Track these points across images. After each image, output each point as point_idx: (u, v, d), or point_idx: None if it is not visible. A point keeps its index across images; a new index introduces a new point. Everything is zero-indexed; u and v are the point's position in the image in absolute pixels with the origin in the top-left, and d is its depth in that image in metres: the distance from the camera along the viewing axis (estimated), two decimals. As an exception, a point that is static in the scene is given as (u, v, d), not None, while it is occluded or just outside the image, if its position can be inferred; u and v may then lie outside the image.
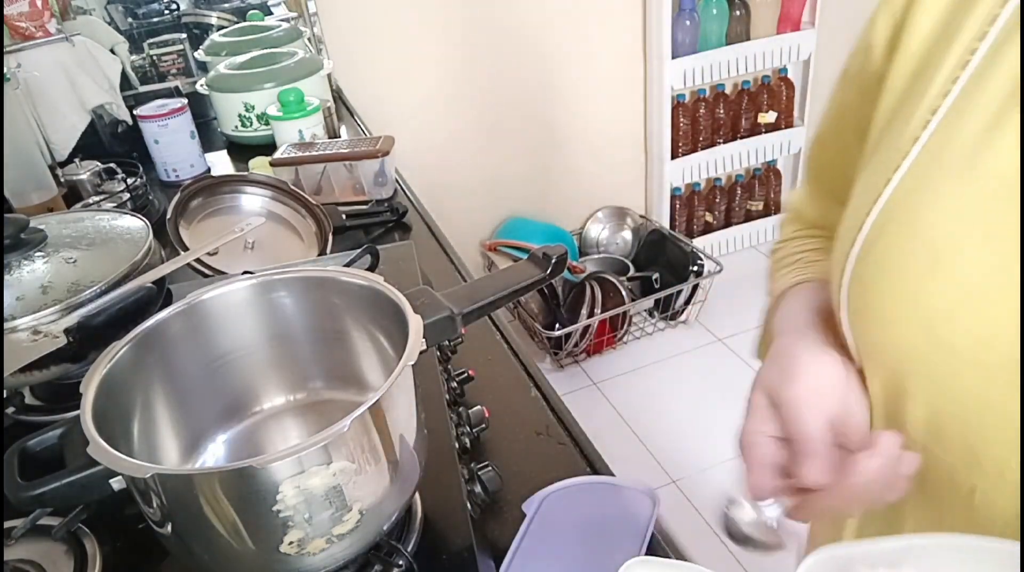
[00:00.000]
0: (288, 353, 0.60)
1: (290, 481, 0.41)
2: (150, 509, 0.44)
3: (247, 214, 1.04)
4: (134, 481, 0.43)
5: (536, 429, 0.71)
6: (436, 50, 2.13)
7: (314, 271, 0.57)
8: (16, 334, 0.61)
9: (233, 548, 0.44)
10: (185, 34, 1.73)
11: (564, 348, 2.24)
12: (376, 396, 0.43)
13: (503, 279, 0.59)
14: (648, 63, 2.34)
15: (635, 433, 2.04)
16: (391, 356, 0.55)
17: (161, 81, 1.68)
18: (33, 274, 0.66)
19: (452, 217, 1.91)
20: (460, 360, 0.81)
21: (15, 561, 0.55)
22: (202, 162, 1.43)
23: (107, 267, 0.67)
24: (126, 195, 1.19)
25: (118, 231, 0.73)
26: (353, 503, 0.45)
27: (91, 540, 0.57)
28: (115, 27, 1.71)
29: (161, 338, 0.53)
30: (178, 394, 0.55)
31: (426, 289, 0.56)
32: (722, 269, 2.32)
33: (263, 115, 1.45)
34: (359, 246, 0.85)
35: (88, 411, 0.44)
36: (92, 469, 0.42)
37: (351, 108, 1.74)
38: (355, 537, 0.46)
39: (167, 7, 1.85)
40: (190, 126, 1.39)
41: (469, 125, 2.27)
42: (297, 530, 0.43)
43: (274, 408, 0.61)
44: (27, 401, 0.75)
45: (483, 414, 0.69)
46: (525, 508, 0.61)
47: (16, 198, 1.15)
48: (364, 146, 1.18)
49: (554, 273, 0.62)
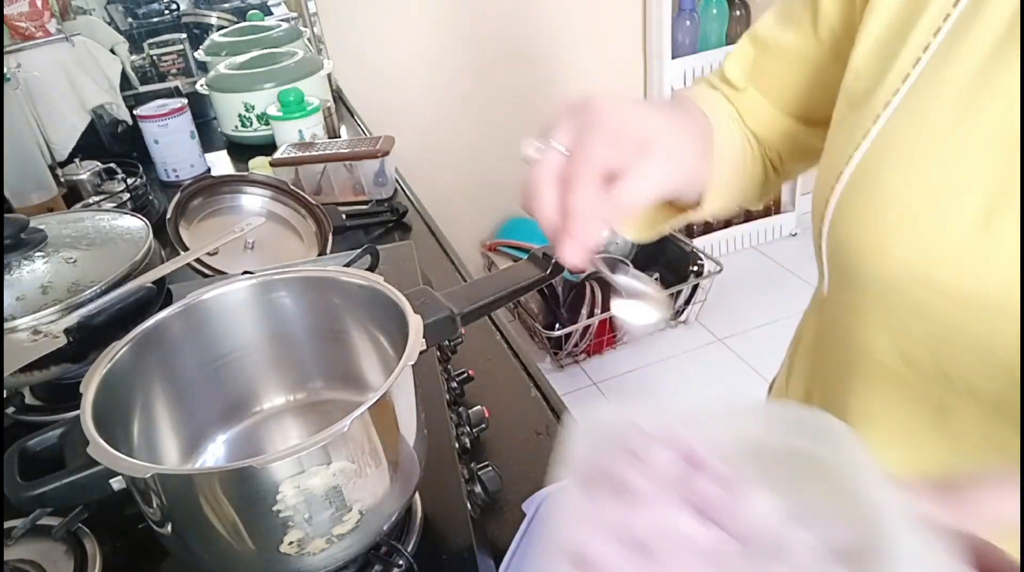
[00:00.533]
0: (288, 353, 0.60)
1: (290, 481, 0.41)
2: (150, 509, 0.44)
3: (247, 214, 1.04)
4: (134, 481, 0.43)
5: (536, 429, 0.71)
6: (436, 50, 2.13)
7: (314, 271, 0.57)
8: (16, 334, 0.61)
9: (233, 548, 0.44)
10: (185, 34, 1.74)
11: (564, 348, 2.24)
12: (376, 396, 0.43)
13: (503, 279, 0.59)
14: (648, 63, 2.34)
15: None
16: (391, 356, 0.55)
17: (161, 81, 1.68)
18: (33, 274, 0.66)
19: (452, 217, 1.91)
20: (460, 360, 0.81)
21: (15, 561, 0.55)
22: (202, 162, 1.43)
23: (107, 267, 0.67)
24: (126, 195, 1.18)
25: (118, 231, 0.73)
26: (353, 503, 0.45)
27: (91, 540, 0.57)
28: (115, 27, 1.71)
29: (161, 338, 0.54)
30: (178, 394, 0.55)
31: (426, 289, 0.56)
32: (722, 269, 2.32)
33: (263, 115, 1.45)
34: (359, 246, 0.85)
35: (88, 411, 0.44)
36: (92, 469, 0.42)
37: (351, 108, 1.74)
38: (355, 537, 0.46)
39: (167, 7, 1.85)
40: (190, 126, 1.39)
41: (469, 125, 2.27)
42: (297, 530, 0.43)
43: (274, 408, 0.61)
44: (27, 401, 0.75)
45: (483, 414, 0.69)
46: (525, 508, 0.61)
47: (16, 198, 1.15)
48: (364, 146, 1.18)
49: (554, 273, 0.62)
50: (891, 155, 0.41)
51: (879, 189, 0.42)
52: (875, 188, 0.42)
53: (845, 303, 0.47)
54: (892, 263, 0.41)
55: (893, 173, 0.41)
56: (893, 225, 0.41)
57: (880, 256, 0.42)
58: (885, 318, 0.44)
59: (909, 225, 0.40)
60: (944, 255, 0.39)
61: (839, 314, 0.48)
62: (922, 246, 0.40)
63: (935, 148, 0.39)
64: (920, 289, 0.40)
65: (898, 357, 0.44)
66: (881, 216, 0.41)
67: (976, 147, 0.38)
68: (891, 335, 0.44)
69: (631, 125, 0.40)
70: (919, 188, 0.40)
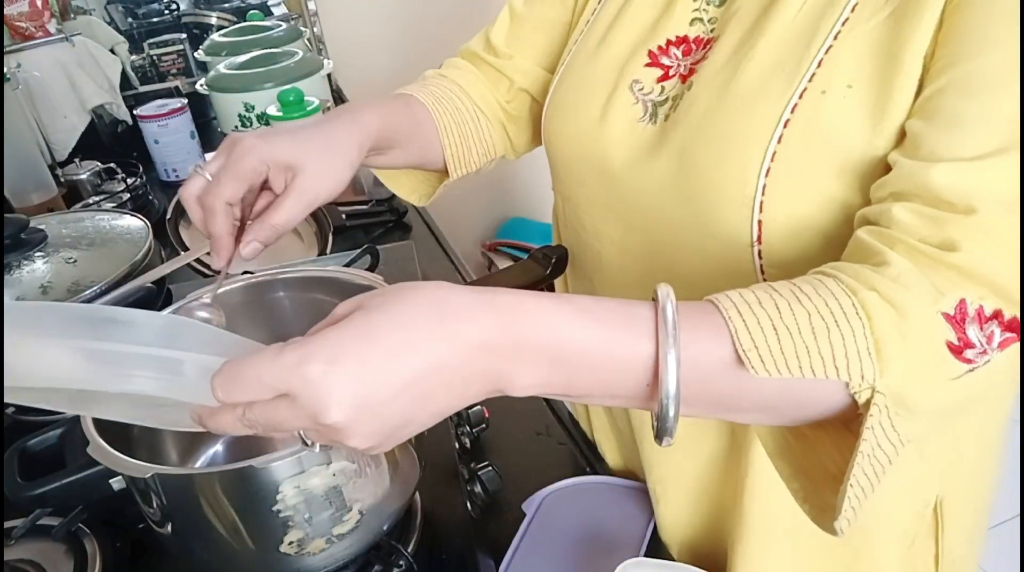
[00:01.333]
0: (288, 353, 0.60)
1: (290, 481, 0.41)
2: (150, 509, 0.44)
3: (247, 214, 1.04)
4: (134, 481, 0.43)
5: (536, 429, 0.71)
6: (436, 50, 2.13)
7: (314, 271, 0.57)
8: (16, 334, 0.61)
9: (233, 548, 0.44)
10: (185, 34, 1.73)
11: (564, 348, 2.24)
12: (376, 396, 0.43)
13: (503, 279, 0.59)
14: (648, 63, 2.34)
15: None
16: (391, 356, 0.55)
17: (161, 81, 1.68)
18: (33, 274, 0.66)
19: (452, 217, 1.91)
20: (460, 360, 0.81)
21: (15, 561, 0.55)
22: (202, 162, 1.43)
23: (107, 267, 0.68)
24: (126, 195, 1.18)
25: (118, 231, 0.74)
26: (353, 503, 0.45)
27: (91, 540, 0.57)
28: (115, 27, 1.71)
29: (161, 338, 0.53)
30: (178, 394, 0.55)
31: (426, 289, 0.55)
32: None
33: (263, 115, 1.45)
34: (359, 246, 0.85)
35: (88, 411, 0.44)
36: (92, 469, 0.43)
37: (351, 108, 1.74)
38: (355, 537, 0.46)
39: (167, 7, 1.85)
40: (190, 126, 1.39)
41: (469, 125, 2.27)
42: (297, 530, 0.43)
43: (274, 408, 0.61)
44: (27, 401, 0.75)
45: (483, 414, 0.69)
46: (525, 508, 0.61)
47: (16, 198, 1.15)
48: (364, 146, 1.18)
49: (554, 273, 0.62)
50: (566, 73, 0.61)
51: (558, 95, 0.61)
52: (556, 95, 0.61)
53: (558, 190, 0.66)
54: (563, 143, 0.60)
55: (564, 84, 0.61)
56: (560, 119, 0.60)
57: (552, 145, 0.61)
58: (563, 191, 0.63)
59: (563, 118, 0.59)
60: (577, 137, 0.58)
61: (559, 201, 0.67)
62: (568, 132, 0.59)
63: (583, 68, 0.59)
64: (566, 164, 0.60)
65: (572, 217, 0.63)
66: (559, 112, 0.61)
67: (599, 67, 0.57)
68: (567, 202, 0.63)
69: (275, 157, 0.49)
70: (573, 94, 0.59)
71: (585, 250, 0.63)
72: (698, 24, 0.53)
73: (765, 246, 0.46)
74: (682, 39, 0.53)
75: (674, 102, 0.52)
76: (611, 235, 0.58)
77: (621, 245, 0.58)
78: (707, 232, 0.49)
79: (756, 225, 0.46)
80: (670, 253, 0.53)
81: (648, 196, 0.53)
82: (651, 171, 0.52)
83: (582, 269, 0.65)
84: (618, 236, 0.58)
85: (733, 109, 0.47)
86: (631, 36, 0.56)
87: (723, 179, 0.47)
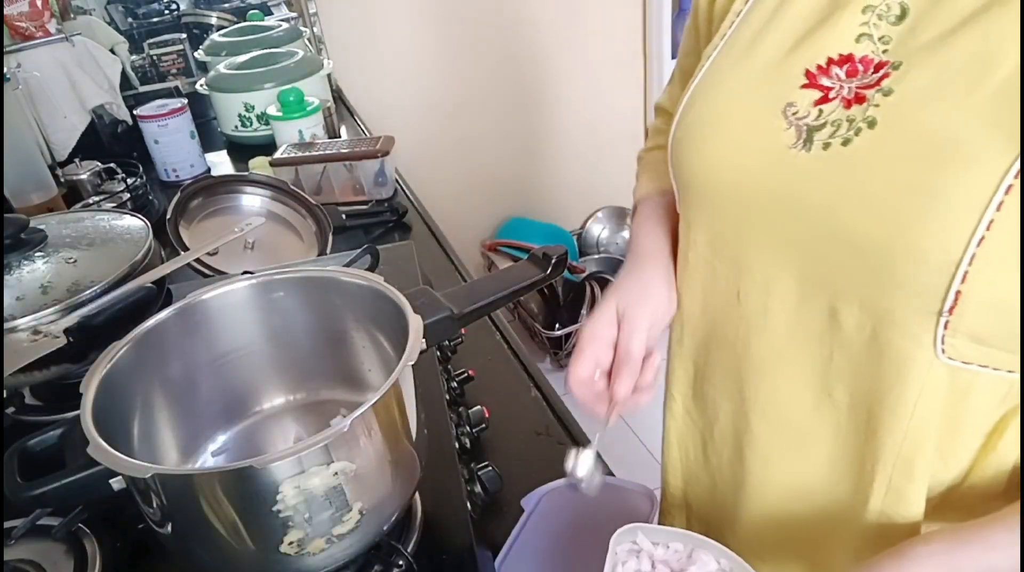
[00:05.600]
0: (288, 353, 0.60)
1: (290, 481, 0.41)
2: (150, 509, 0.44)
3: (247, 214, 1.04)
4: (134, 481, 0.43)
5: (536, 429, 0.71)
6: (436, 50, 2.13)
7: (314, 271, 0.57)
8: (16, 334, 0.61)
9: (233, 548, 0.44)
10: (185, 34, 1.74)
11: (564, 348, 2.24)
12: (377, 396, 0.43)
13: (503, 279, 0.59)
14: (648, 63, 2.34)
15: (635, 433, 2.04)
16: (391, 356, 0.55)
17: (161, 81, 1.68)
18: (33, 274, 0.66)
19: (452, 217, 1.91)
20: (460, 360, 0.81)
21: (15, 561, 0.55)
22: (202, 162, 1.43)
23: (107, 267, 0.67)
24: (126, 195, 1.19)
25: (118, 231, 0.73)
26: (353, 503, 0.45)
27: (91, 540, 0.57)
28: (115, 27, 1.71)
29: (161, 338, 0.53)
30: (178, 394, 0.55)
31: (426, 289, 0.56)
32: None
33: (263, 115, 1.46)
34: (359, 246, 0.85)
35: (88, 411, 0.44)
36: (92, 469, 0.42)
37: (351, 108, 1.74)
38: (355, 537, 0.46)
39: (167, 7, 1.85)
40: (190, 126, 1.39)
41: (469, 125, 2.27)
42: (297, 530, 0.43)
43: (274, 408, 0.61)
44: (27, 401, 0.75)
45: (483, 414, 0.69)
46: (524, 504, 0.61)
47: (16, 198, 1.15)
48: (364, 146, 1.18)
49: (554, 273, 0.62)
50: (702, 90, 0.56)
51: (691, 114, 0.56)
52: (689, 114, 0.56)
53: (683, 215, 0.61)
54: (695, 168, 0.56)
55: (699, 103, 0.55)
56: (698, 140, 0.55)
57: (689, 170, 0.56)
58: (697, 217, 0.58)
59: (702, 140, 0.55)
60: (720, 163, 0.53)
61: (683, 228, 0.61)
62: (708, 157, 0.54)
63: (722, 83, 0.54)
64: (715, 191, 0.55)
65: (709, 247, 0.58)
66: (692, 132, 0.56)
67: (742, 84, 0.53)
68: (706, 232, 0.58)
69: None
70: (709, 114, 0.54)
71: (731, 308, 0.57)
72: (866, 41, 0.47)
73: (955, 318, 0.42)
74: (846, 58, 0.47)
75: (834, 128, 0.46)
76: (785, 284, 0.51)
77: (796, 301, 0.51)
78: (878, 287, 0.45)
79: (953, 295, 0.41)
80: (823, 299, 0.49)
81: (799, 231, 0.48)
82: (807, 205, 0.47)
83: (721, 337, 0.59)
84: (793, 288, 0.51)
85: (942, 162, 0.41)
86: (781, 51, 0.51)
87: (919, 238, 0.42)
